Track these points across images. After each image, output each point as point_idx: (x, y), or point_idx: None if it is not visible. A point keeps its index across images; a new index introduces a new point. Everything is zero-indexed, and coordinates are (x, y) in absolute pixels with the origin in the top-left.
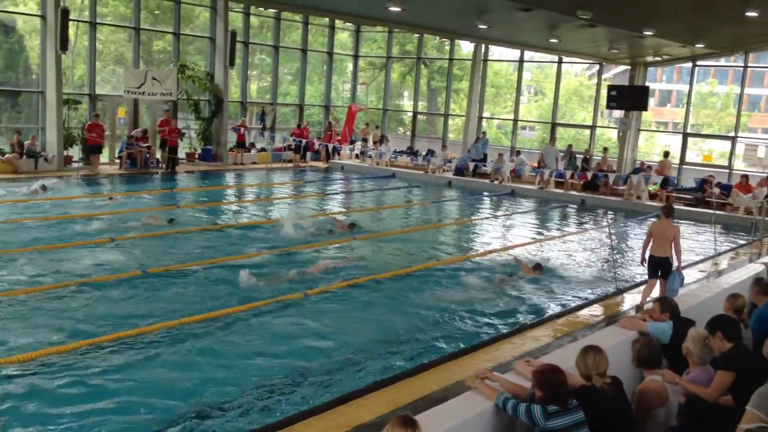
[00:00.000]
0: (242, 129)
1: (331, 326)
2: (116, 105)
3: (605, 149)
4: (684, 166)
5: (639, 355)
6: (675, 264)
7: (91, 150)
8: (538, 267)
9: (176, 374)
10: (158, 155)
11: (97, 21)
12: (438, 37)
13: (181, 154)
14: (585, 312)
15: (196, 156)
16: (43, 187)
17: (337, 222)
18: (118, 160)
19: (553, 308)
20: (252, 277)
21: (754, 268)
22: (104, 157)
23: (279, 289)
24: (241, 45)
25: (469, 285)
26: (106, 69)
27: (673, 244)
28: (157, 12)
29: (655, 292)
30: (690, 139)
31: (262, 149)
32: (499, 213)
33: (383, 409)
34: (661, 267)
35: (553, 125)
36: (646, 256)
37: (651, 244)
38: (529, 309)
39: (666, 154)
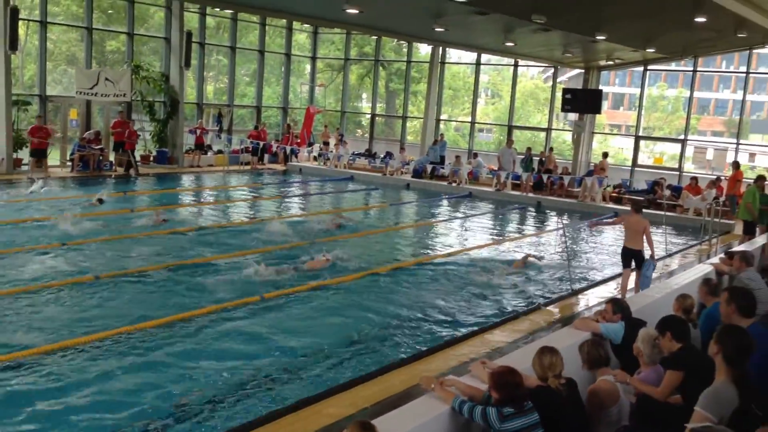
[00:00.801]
0: (199, 131)
1: (289, 330)
2: (68, 106)
3: (551, 149)
4: (636, 169)
5: (589, 357)
6: (648, 253)
7: (35, 154)
8: (526, 258)
9: (130, 381)
10: (111, 158)
11: (48, 20)
12: (396, 40)
13: (136, 156)
14: (540, 313)
15: (151, 158)
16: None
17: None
18: (69, 163)
19: (510, 310)
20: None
21: (703, 269)
22: (55, 159)
23: (236, 292)
24: (197, 46)
25: (427, 287)
26: (57, 69)
27: (645, 236)
28: (110, 12)
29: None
30: (642, 142)
31: (219, 151)
32: (457, 215)
33: (342, 413)
34: (634, 257)
35: (510, 128)
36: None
37: (625, 237)
38: (486, 311)
39: (605, 154)
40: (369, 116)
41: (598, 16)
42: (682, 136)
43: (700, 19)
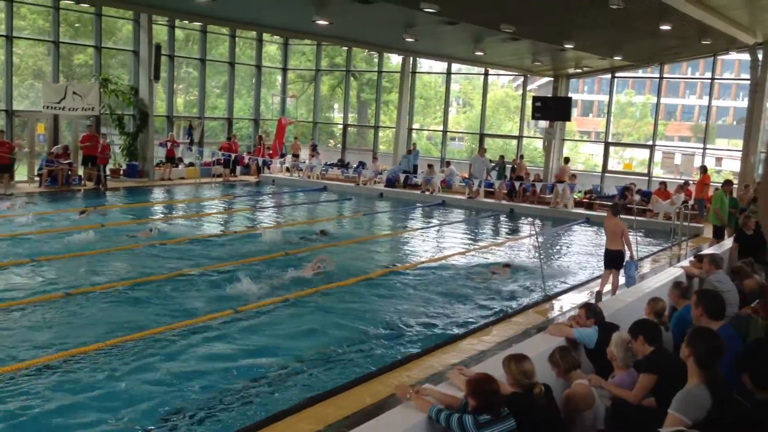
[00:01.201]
0: (170, 144)
1: (261, 343)
2: (35, 121)
3: (521, 156)
4: (606, 174)
5: (562, 362)
6: (628, 254)
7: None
8: (507, 266)
9: (99, 397)
10: (80, 172)
11: (14, 35)
12: (367, 50)
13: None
14: (516, 319)
15: (121, 172)
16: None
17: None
18: (38, 178)
19: (485, 317)
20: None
21: (674, 272)
22: (22, 174)
23: (210, 306)
24: (166, 58)
25: (401, 297)
26: (24, 84)
27: (623, 238)
28: (77, 25)
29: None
30: (611, 148)
31: (191, 164)
32: (430, 223)
33: (314, 428)
34: (614, 258)
35: (482, 136)
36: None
37: (606, 239)
38: (461, 318)
39: (566, 160)
40: (341, 126)
41: (565, 25)
42: (650, 142)
43: (666, 27)
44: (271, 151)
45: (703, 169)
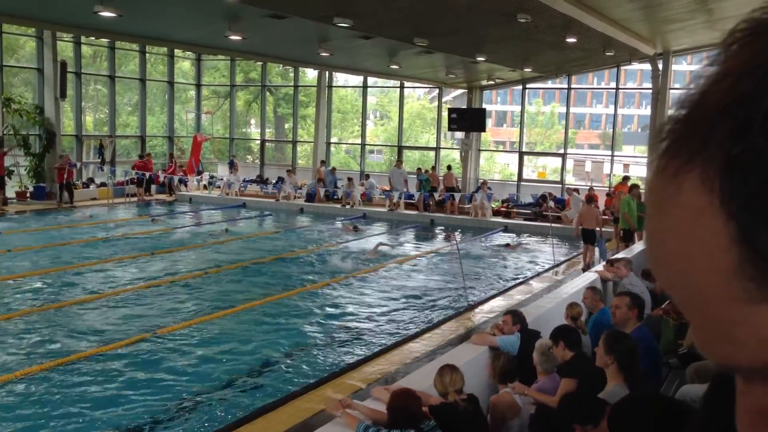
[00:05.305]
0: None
1: (181, 366)
2: None
3: (449, 167)
4: (522, 183)
5: (501, 370)
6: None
7: None
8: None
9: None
10: None
11: None
12: (282, 65)
13: (10, 193)
14: (439, 330)
15: (28, 195)
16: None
17: None
18: None
19: (408, 329)
20: None
21: (588, 277)
22: None
23: (128, 332)
24: (73, 75)
25: (321, 312)
26: None
27: (596, 220)
28: None
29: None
30: (525, 157)
31: (102, 184)
32: (350, 237)
33: None
34: (589, 235)
35: (400, 148)
36: (579, 230)
37: (582, 221)
38: (384, 331)
39: (449, 167)
40: (259, 142)
41: (476, 39)
42: (562, 150)
43: (571, 39)
44: (184, 168)
45: (625, 179)
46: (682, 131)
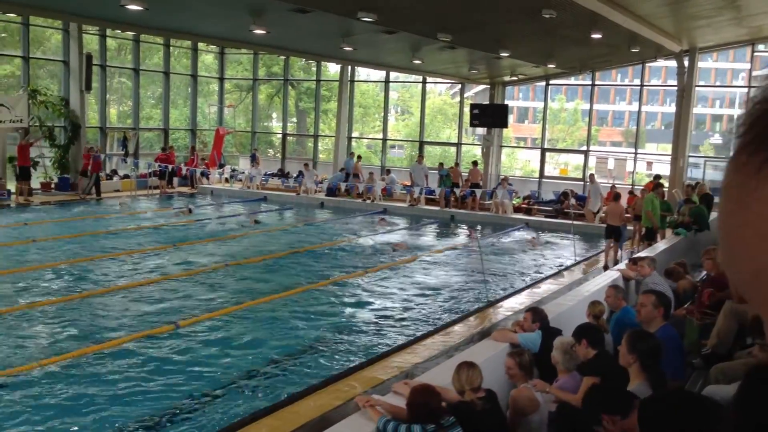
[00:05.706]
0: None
1: (203, 358)
2: None
3: (474, 163)
4: (543, 180)
5: (522, 366)
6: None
7: None
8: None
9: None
10: (11, 186)
11: None
12: (304, 59)
13: (35, 183)
14: (459, 326)
15: (52, 186)
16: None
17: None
18: None
19: (429, 325)
20: None
21: (611, 275)
22: None
23: (147, 324)
24: (98, 68)
25: (344, 306)
26: None
27: (620, 217)
28: (3, 35)
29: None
30: (547, 153)
31: (126, 176)
32: (371, 232)
33: None
34: (614, 232)
35: (421, 143)
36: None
37: (607, 218)
38: (405, 327)
39: (474, 163)
40: (280, 136)
41: (500, 34)
42: (584, 147)
43: (597, 36)
44: (206, 161)
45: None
46: (764, 127)
